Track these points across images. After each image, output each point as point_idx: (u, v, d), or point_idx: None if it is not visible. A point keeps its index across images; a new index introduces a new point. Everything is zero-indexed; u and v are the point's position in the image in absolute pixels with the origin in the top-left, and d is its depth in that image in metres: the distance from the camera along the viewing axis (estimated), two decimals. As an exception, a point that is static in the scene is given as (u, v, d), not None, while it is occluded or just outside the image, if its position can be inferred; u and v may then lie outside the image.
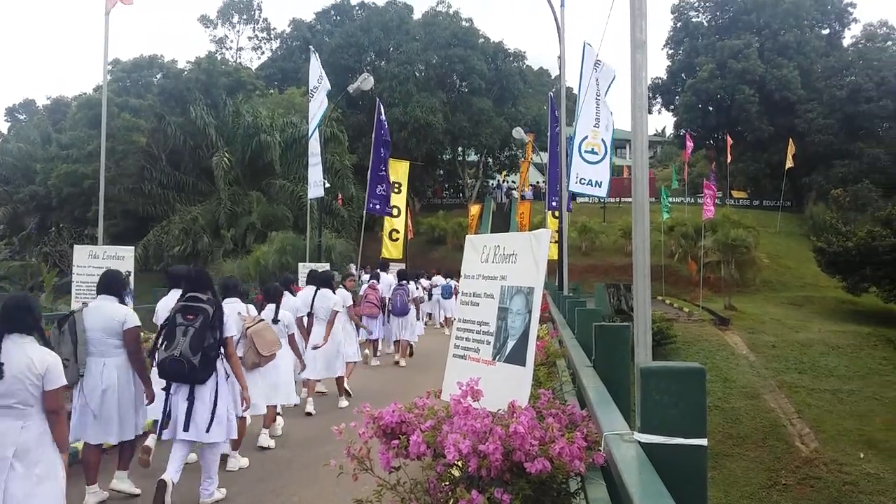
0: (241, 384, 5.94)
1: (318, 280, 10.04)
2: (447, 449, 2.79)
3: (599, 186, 11.68)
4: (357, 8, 54.77)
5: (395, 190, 22.20)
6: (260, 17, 63.91)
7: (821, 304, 33.08)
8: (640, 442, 1.99)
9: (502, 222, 45.08)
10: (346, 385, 9.97)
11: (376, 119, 19.54)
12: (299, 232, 25.51)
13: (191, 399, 5.54)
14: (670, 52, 57.07)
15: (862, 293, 32.00)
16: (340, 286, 11.19)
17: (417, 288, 16.50)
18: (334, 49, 47.71)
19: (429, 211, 48.51)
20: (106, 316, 5.50)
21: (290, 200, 30.30)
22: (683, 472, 1.91)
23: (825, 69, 49.80)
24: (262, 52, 63.31)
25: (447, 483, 2.91)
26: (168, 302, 6.58)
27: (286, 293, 8.58)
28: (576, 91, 13.87)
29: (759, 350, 25.42)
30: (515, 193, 48.55)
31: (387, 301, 13.93)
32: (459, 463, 2.84)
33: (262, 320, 7.21)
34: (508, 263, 3.49)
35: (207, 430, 5.54)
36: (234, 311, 6.73)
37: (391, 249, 23.24)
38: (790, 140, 44.19)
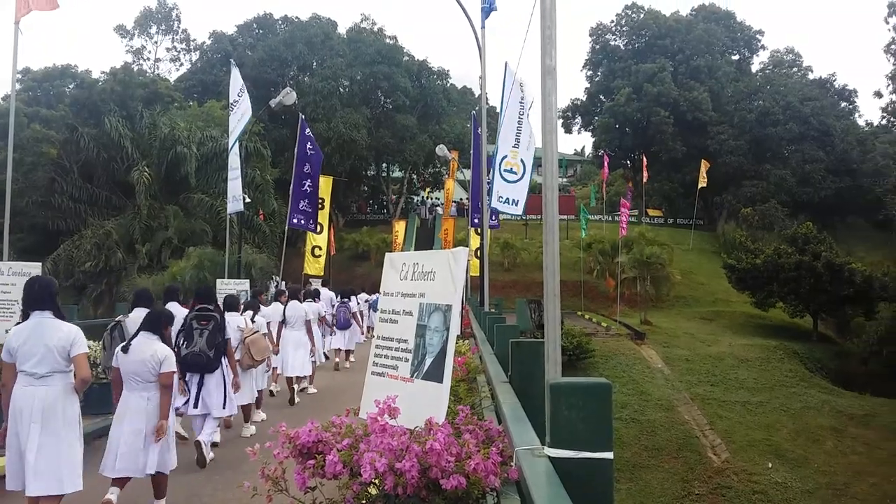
0: (233, 373, 7.82)
1: (290, 293, 12.00)
2: (363, 467, 2.78)
3: (516, 205, 11.88)
4: (280, 22, 54.27)
5: (319, 206, 22.02)
6: (179, 28, 62.59)
7: (731, 319, 34.35)
8: (549, 456, 2.04)
9: (426, 238, 45.23)
10: (308, 385, 12.07)
11: (299, 134, 19.36)
12: (218, 247, 24.95)
13: (200, 384, 7.52)
14: (589, 73, 58.71)
15: (769, 308, 33.40)
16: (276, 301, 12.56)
17: (357, 303, 18.19)
18: (257, 63, 47.12)
19: (352, 227, 48.27)
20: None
21: (209, 215, 29.61)
22: (591, 485, 1.97)
23: (735, 93, 52.13)
24: (181, 64, 62.01)
25: (364, 502, 2.90)
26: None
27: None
28: (499, 110, 14.09)
29: (674, 363, 26.20)
30: (440, 210, 48.83)
31: (329, 315, 15.45)
32: (376, 481, 2.84)
33: (257, 331, 9.22)
34: (427, 281, 3.52)
35: (224, 407, 7.63)
36: (235, 324, 8.63)
37: (313, 266, 23.02)
38: (703, 160, 45.92)
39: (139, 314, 7.01)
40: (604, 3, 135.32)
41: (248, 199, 22.65)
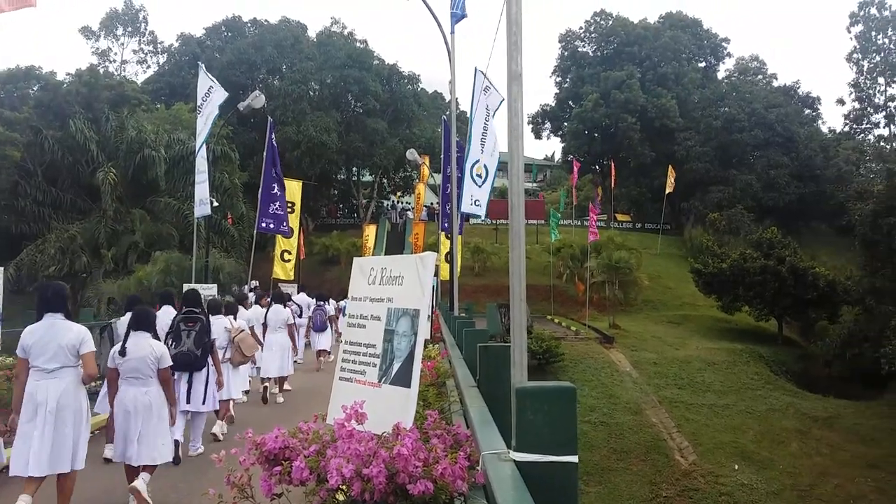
0: (218, 372, 8.47)
1: (273, 297, 13.10)
2: (330, 473, 2.76)
3: (479, 206, 11.95)
4: (249, 25, 53.93)
5: (289, 209, 21.85)
6: (146, 30, 61.80)
7: (698, 323, 34.76)
8: (515, 461, 2.05)
9: (397, 243, 45.16)
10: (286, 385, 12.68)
11: (268, 137, 19.22)
12: (186, 251, 24.65)
13: (190, 381, 8.12)
14: (558, 79, 59.14)
15: (735, 312, 33.87)
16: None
17: (331, 308, 19.06)
18: (225, 66, 46.73)
19: (322, 231, 48.03)
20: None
21: (177, 219, 29.25)
22: (556, 489, 1.98)
23: (702, 100, 52.87)
24: (149, 67, 61.25)
25: (331, 508, 2.89)
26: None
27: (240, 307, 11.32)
28: (469, 115, 14.12)
29: (642, 367, 26.44)
30: (410, 214, 48.79)
31: (303, 318, 16.65)
32: (344, 487, 2.83)
33: (243, 330, 9.97)
34: (395, 286, 3.52)
35: (203, 403, 8.27)
36: (222, 326, 9.50)
37: (282, 270, 22.83)
38: (670, 166, 46.47)
39: (128, 317, 7.45)
40: (574, 9, 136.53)
41: (215, 203, 22.41)
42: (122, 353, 6.17)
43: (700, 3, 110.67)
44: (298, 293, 19.16)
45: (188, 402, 8.09)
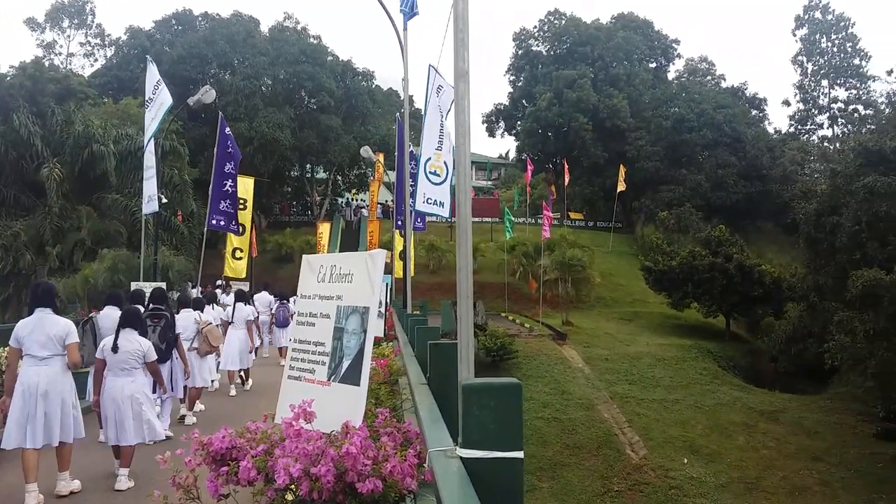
0: (183, 362, 9.32)
1: (236, 295, 14.23)
2: (277, 473, 2.74)
3: (442, 206, 11.92)
4: (200, 19, 52.98)
5: (241, 206, 21.55)
6: (93, 22, 60.19)
7: (648, 319, 35.32)
8: (461, 457, 2.05)
9: (352, 241, 44.93)
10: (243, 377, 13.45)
11: (219, 133, 18.92)
12: (134, 249, 24.15)
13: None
14: (512, 78, 59.42)
15: (684, 308, 34.48)
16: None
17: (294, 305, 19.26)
18: (175, 60, 45.86)
19: (276, 228, 47.52)
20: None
21: (125, 216, 28.61)
22: (501, 485, 1.99)
23: (652, 100, 53.68)
24: (96, 60, 59.63)
25: (279, 508, 2.86)
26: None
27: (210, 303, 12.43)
28: (423, 112, 14.10)
29: (594, 363, 26.75)
30: (365, 212, 48.56)
31: (264, 317, 17.74)
32: (293, 487, 2.80)
33: (210, 323, 10.87)
34: (344, 283, 3.49)
35: (173, 389, 9.22)
36: (191, 318, 10.46)
37: (234, 268, 22.52)
38: (621, 165, 47.07)
39: (110, 311, 8.72)
40: (529, 8, 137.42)
41: (164, 200, 22.05)
42: (115, 349, 7.03)
43: (651, 4, 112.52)
44: (261, 291, 19.86)
45: (154, 391, 8.64)
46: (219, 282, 23.16)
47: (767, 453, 21.29)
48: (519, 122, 57.43)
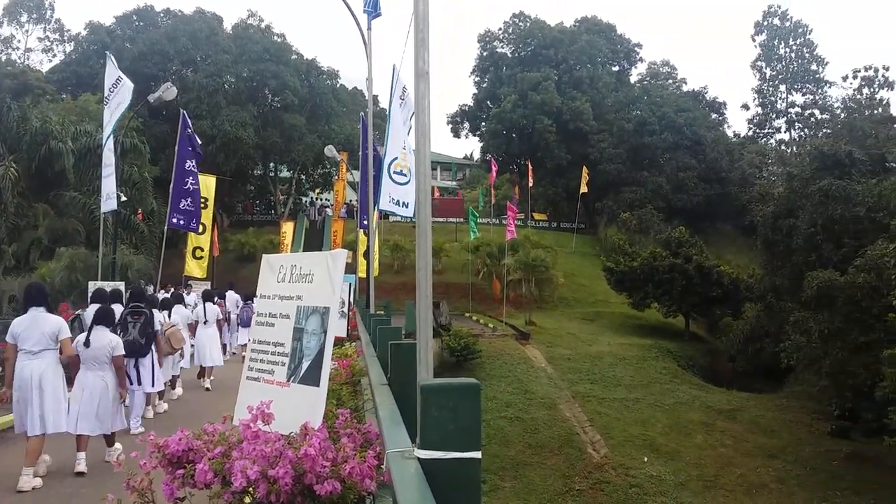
0: (159, 358, 10.08)
1: (204, 296, 14.80)
2: (234, 475, 2.71)
3: (407, 207, 11.91)
4: (162, 15, 52.18)
5: (202, 205, 21.30)
6: (52, 17, 58.89)
7: (610, 319, 35.66)
8: (419, 458, 2.05)
9: (315, 240, 44.61)
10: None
11: (180, 130, 18.69)
12: (92, 248, 23.74)
13: (137, 367, 9.46)
14: (477, 79, 59.57)
15: (645, 308, 34.87)
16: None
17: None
18: (136, 56, 45.12)
19: (238, 227, 46.97)
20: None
21: (83, 214, 28.09)
22: (459, 486, 1.99)
23: (615, 103, 54.22)
24: (55, 55, 58.36)
25: (236, 510, 2.83)
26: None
27: (177, 304, 12.71)
28: (387, 112, 14.06)
29: (556, 362, 26.93)
30: (329, 211, 48.27)
31: (233, 315, 18.69)
32: (250, 489, 2.78)
33: (174, 325, 11.31)
34: (305, 283, 3.47)
35: (153, 385, 9.89)
36: (156, 319, 10.44)
37: (195, 268, 22.26)
38: (584, 167, 47.45)
39: (96, 308, 8.86)
40: (495, 10, 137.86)
41: (124, 198, 21.66)
42: (87, 344, 7.61)
43: (615, 9, 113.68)
44: (227, 291, 20.38)
45: (139, 383, 9.52)
46: (189, 283, 23.09)
47: (725, 451, 21.64)
48: (483, 123, 57.59)
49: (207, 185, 22.20)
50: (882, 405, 18.72)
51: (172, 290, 19.33)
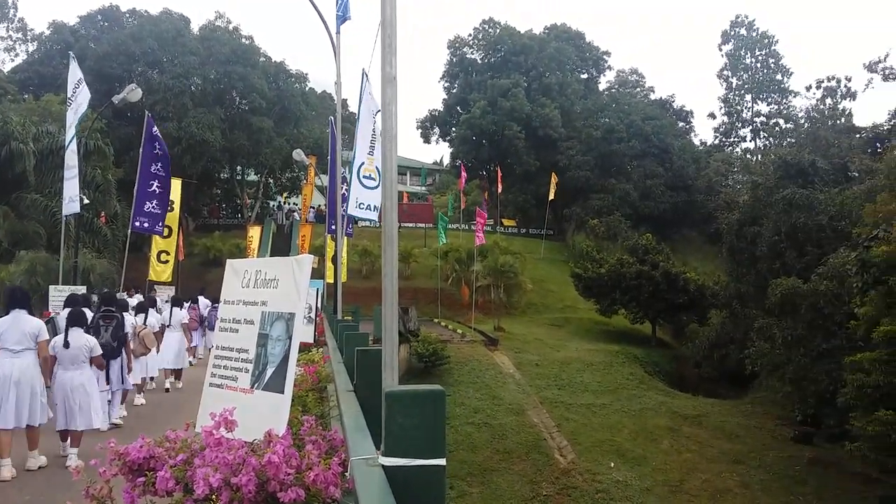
0: (129, 360, 10.38)
1: (172, 301, 15.23)
2: (196, 483, 2.67)
3: (375, 211, 11.89)
4: (128, 15, 51.46)
5: (168, 208, 21.02)
6: (15, 16, 57.70)
7: (578, 325, 35.87)
8: (383, 466, 2.03)
9: (283, 245, 44.24)
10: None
11: (145, 132, 18.43)
12: (53, 251, 23.29)
13: (108, 366, 9.63)
14: (446, 85, 59.65)
15: (612, 315, 35.13)
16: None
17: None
18: (101, 56, 44.43)
19: (204, 231, 46.40)
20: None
21: (44, 217, 27.53)
22: (423, 493, 1.97)
23: (583, 110, 54.68)
24: (17, 55, 57.22)
25: (199, 518, 2.78)
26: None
27: (151, 308, 13.11)
28: (357, 117, 14.00)
29: (524, 368, 27.01)
30: (297, 216, 47.93)
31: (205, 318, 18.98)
32: (213, 497, 2.73)
33: (145, 327, 11.92)
34: (270, 289, 3.43)
35: (123, 382, 10.26)
36: (129, 322, 10.96)
37: (159, 272, 21.96)
38: (553, 174, 47.71)
39: (66, 312, 9.26)
40: (465, 15, 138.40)
41: (87, 200, 21.32)
42: (66, 345, 8.09)
43: (583, 17, 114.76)
44: (199, 296, 20.48)
45: (108, 382, 9.88)
46: (154, 287, 23.00)
47: (691, 457, 21.86)
48: (453, 129, 57.65)
49: (173, 187, 21.92)
50: (843, 411, 19.07)
51: (136, 294, 19.10)
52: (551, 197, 47.05)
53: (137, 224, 18.03)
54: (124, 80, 39.43)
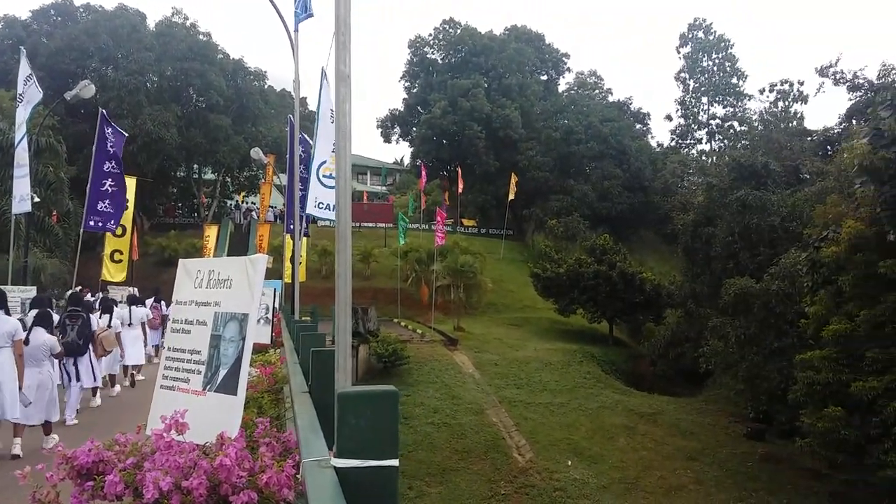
0: (95, 359, 11.22)
1: (129, 300, 16.02)
2: (146, 487, 2.63)
3: (334, 210, 11.83)
4: (82, 10, 50.35)
5: (123, 207, 20.61)
6: (-38, 8, 56.22)
7: (537, 325, 36.10)
8: (336, 467, 2.02)
9: (240, 245, 43.71)
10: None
11: (98, 130, 18.05)
12: (2, 251, 22.71)
13: (75, 364, 10.61)
14: (407, 84, 59.60)
15: (571, 314, 35.46)
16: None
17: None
18: (54, 52, 43.43)
19: (159, 231, 45.65)
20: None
21: (-7, 216, 26.86)
22: (375, 494, 1.97)
23: (543, 112, 55.08)
24: (-35, 50, 55.63)
25: (148, 523, 2.74)
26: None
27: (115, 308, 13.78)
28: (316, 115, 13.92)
29: (484, 368, 27.10)
30: (255, 215, 47.44)
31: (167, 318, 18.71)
32: (164, 501, 2.70)
33: (106, 328, 12.28)
34: (223, 289, 3.39)
35: (94, 380, 11.15)
36: (95, 322, 11.49)
37: (113, 271, 21.54)
38: (513, 174, 48.00)
39: (34, 313, 9.83)
40: (425, 15, 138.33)
41: (37, 199, 20.82)
42: (27, 342, 8.70)
43: (543, 18, 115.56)
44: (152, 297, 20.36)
45: (78, 379, 10.63)
46: (133, 289, 22.77)
47: (647, 454, 22.15)
48: (414, 129, 57.66)
49: (128, 186, 21.50)
50: (794, 408, 19.51)
51: (88, 293, 18.71)
52: (511, 197, 47.32)
53: (91, 223, 17.65)
54: (78, 76, 38.61)
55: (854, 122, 30.17)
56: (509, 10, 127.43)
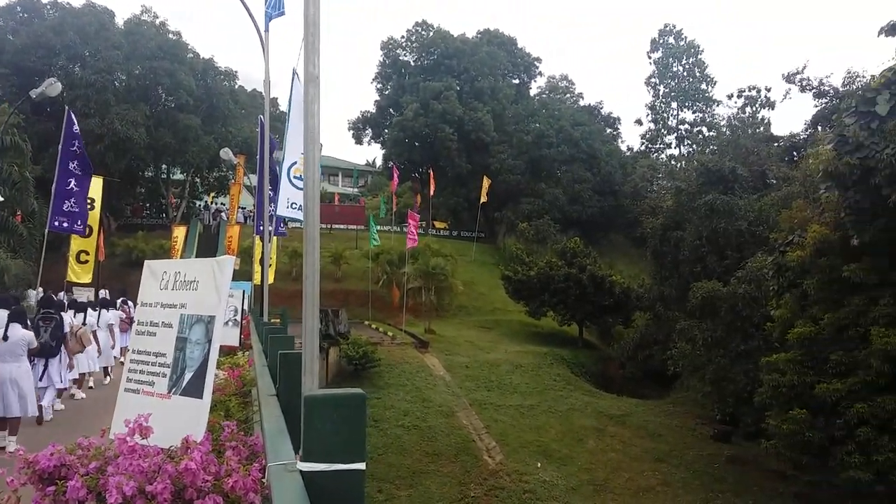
0: (70, 357, 11.58)
1: (101, 302, 16.62)
2: (109, 492, 2.60)
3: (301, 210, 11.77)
4: (49, 7, 49.50)
5: (88, 207, 20.28)
6: (-75, 5, 54.85)
7: (508, 327, 36.24)
8: (301, 471, 2.01)
9: (209, 246, 43.24)
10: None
11: (64, 129, 17.74)
12: (-36, 251, 22.23)
13: (46, 365, 10.85)
14: (379, 86, 59.47)
15: (541, 317, 35.66)
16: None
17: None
18: (19, 49, 42.67)
19: (127, 231, 45.03)
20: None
21: (-45, 215, 26.27)
22: (342, 498, 1.96)
23: (515, 115, 55.30)
24: (-72, 46, 54.37)
25: (111, 529, 2.71)
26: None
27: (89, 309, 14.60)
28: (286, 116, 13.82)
29: (455, 370, 27.13)
30: (225, 216, 46.99)
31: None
32: (129, 506, 2.66)
33: (83, 326, 12.67)
34: (189, 291, 3.35)
35: (62, 381, 11.35)
36: (67, 322, 11.79)
37: (79, 273, 21.19)
38: (485, 177, 48.12)
39: (4, 313, 10.03)
40: (398, 16, 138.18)
41: (1, 198, 20.42)
42: (5, 338, 9.10)
43: (516, 22, 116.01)
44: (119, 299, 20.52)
45: (41, 379, 10.77)
46: (72, 289, 22.45)
47: (615, 456, 22.33)
48: (386, 131, 57.51)
49: (94, 186, 21.15)
50: (760, 410, 19.78)
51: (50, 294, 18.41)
52: (483, 200, 47.42)
53: (56, 223, 17.32)
54: (44, 74, 37.93)
55: (819, 128, 30.75)
56: (482, 12, 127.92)
